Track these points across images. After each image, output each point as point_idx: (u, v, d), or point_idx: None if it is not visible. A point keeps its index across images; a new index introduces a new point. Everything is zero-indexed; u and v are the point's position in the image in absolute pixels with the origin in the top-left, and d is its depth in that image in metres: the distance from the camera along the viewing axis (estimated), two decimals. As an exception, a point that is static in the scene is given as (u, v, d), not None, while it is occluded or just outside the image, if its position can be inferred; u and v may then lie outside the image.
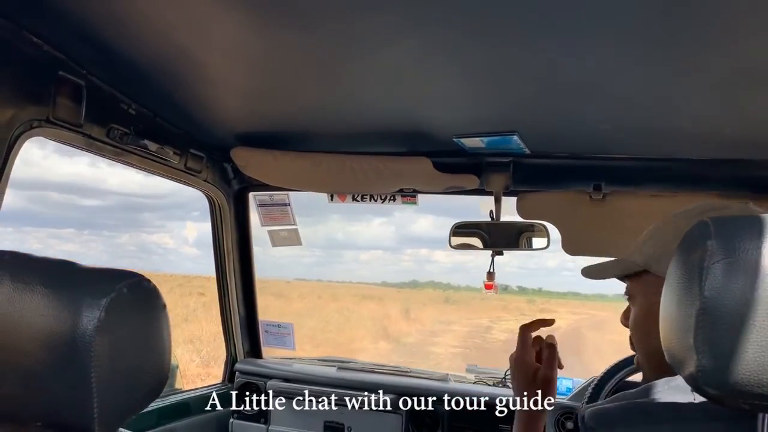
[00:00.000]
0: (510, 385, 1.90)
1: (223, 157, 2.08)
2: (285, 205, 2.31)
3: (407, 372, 2.43)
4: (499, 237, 2.01)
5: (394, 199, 2.12)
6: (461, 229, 2.04)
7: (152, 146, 1.64)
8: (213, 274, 2.45)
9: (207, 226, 2.36)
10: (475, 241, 2.02)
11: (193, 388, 2.47)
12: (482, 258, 2.05)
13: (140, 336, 0.74)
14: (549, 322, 1.26)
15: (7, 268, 0.76)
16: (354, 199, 2.14)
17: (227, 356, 2.59)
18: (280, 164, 1.96)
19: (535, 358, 1.20)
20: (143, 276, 0.76)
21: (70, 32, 1.30)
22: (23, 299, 0.72)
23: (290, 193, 2.30)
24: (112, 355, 0.69)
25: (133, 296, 0.73)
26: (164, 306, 0.78)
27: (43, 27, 1.28)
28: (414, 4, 1.05)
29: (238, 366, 2.50)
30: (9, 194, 1.36)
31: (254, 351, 2.64)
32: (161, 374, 0.77)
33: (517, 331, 1.24)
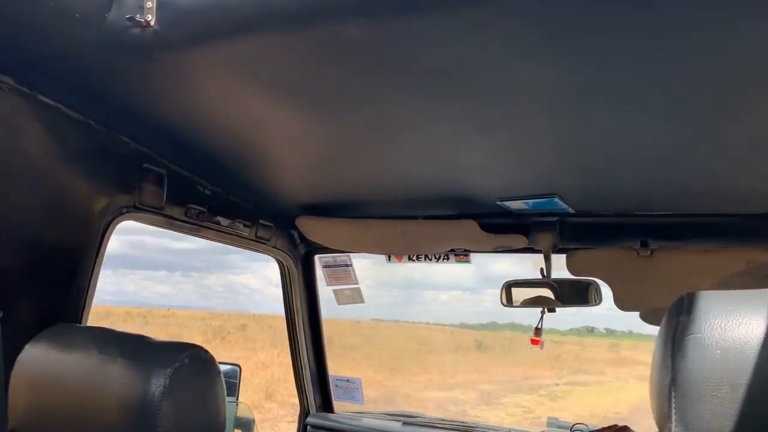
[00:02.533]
0: None
1: (289, 225, 2.28)
2: (347, 266, 2.47)
3: (473, 427, 2.46)
4: (558, 294, 2.05)
5: (448, 258, 2.22)
6: (514, 287, 2.10)
7: (224, 222, 1.85)
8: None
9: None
10: (527, 299, 2.07)
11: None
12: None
13: (200, 399, 0.89)
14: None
15: (95, 342, 0.94)
16: (410, 258, 2.27)
17: (300, 410, 2.73)
18: (339, 230, 2.13)
19: None
20: (202, 347, 0.92)
21: (153, 131, 1.54)
22: (107, 369, 0.89)
23: (351, 254, 2.45)
24: (176, 416, 0.84)
25: (194, 365, 0.88)
26: (219, 372, 0.94)
27: (131, 128, 1.52)
28: (451, 93, 1.19)
29: (309, 420, 2.63)
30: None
31: (326, 405, 2.76)
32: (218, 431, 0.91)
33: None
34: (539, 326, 2.04)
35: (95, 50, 1.15)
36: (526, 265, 2.15)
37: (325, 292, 2.62)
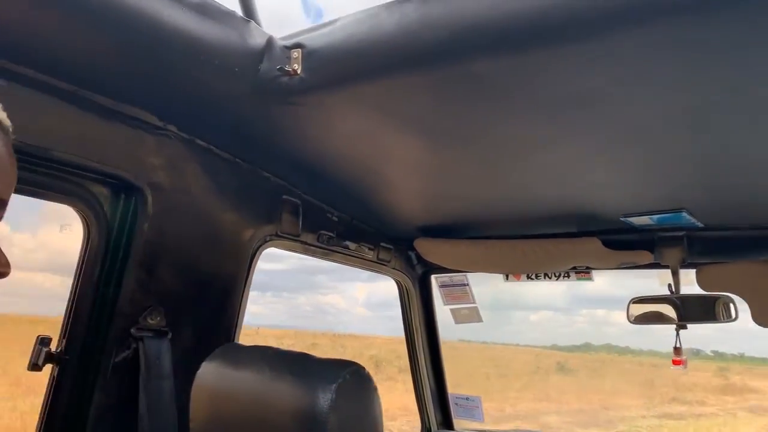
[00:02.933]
0: None
1: (407, 247, 2.37)
2: (464, 285, 2.51)
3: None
4: (682, 310, 1.98)
5: (569, 276, 2.20)
6: (640, 303, 2.05)
7: (352, 245, 1.97)
8: (386, 333, 2.66)
9: (376, 287, 2.66)
10: (657, 316, 2.01)
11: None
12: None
13: (362, 413, 0.98)
14: None
15: (266, 360, 1.06)
16: (528, 277, 2.27)
17: (422, 427, 2.78)
18: (457, 250, 2.18)
19: None
20: (361, 365, 1.01)
21: (290, 166, 1.69)
22: (277, 384, 1.00)
23: (468, 273, 2.50)
24: (342, 429, 0.93)
25: (355, 381, 0.97)
26: (376, 389, 1.02)
27: (272, 164, 1.68)
28: (577, 116, 1.23)
29: (431, 437, 2.67)
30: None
31: (446, 422, 2.80)
32: None
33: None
34: (677, 345, 1.96)
35: (248, 98, 1.30)
36: (624, 284, 2.01)
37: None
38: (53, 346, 1.31)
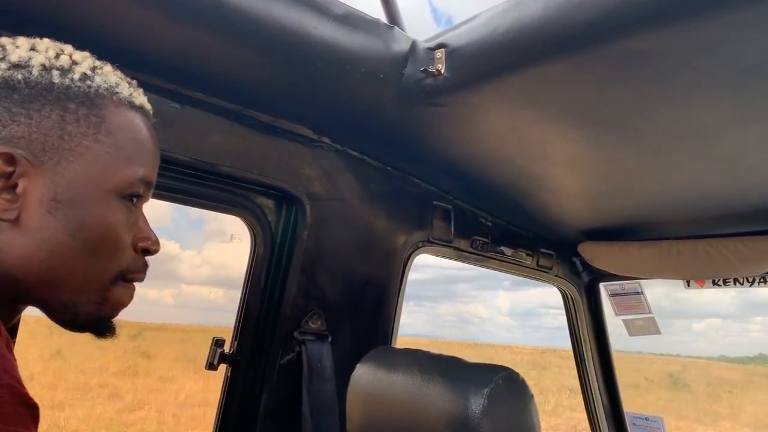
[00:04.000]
0: None
1: (571, 252, 2.22)
2: (638, 293, 2.28)
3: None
4: None
5: (766, 281, 1.90)
6: None
7: (508, 251, 1.89)
8: (532, 343, 2.49)
9: (518, 296, 2.49)
10: None
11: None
12: None
13: (515, 420, 0.91)
14: None
15: (416, 363, 1.04)
16: (715, 283, 2.00)
17: (594, 448, 2.57)
18: (627, 255, 1.99)
19: None
20: (513, 369, 0.95)
21: (440, 171, 1.67)
22: (428, 387, 0.98)
23: (642, 281, 2.27)
24: None
25: (507, 387, 0.91)
26: (532, 396, 0.95)
27: (421, 170, 1.68)
28: (758, 93, 1.06)
29: (609, 461, 2.46)
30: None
31: (622, 445, 2.56)
32: None
33: None
34: None
35: (394, 103, 1.32)
36: None
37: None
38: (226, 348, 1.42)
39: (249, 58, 1.15)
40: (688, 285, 2.08)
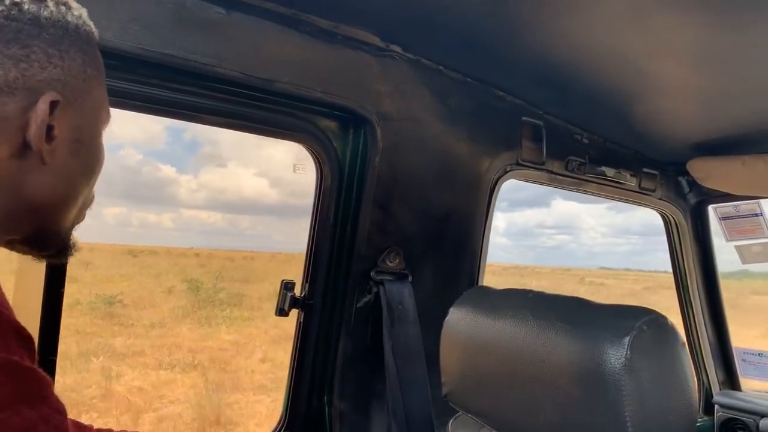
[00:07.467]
0: None
1: (676, 172, 1.94)
2: (756, 215, 1.98)
3: None
4: None
5: None
6: None
7: (609, 172, 1.64)
8: (527, 262, 2.25)
9: (514, 216, 2.22)
10: None
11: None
12: None
13: (666, 375, 0.71)
14: None
15: (528, 306, 0.85)
16: None
17: (699, 386, 2.35)
18: (749, 171, 1.70)
19: None
20: (659, 312, 0.74)
21: (527, 81, 1.42)
22: (546, 335, 0.78)
23: (762, 201, 1.96)
24: (641, 394, 0.68)
25: (654, 334, 0.71)
26: (684, 344, 0.74)
27: (506, 80, 1.43)
28: None
29: (717, 399, 2.23)
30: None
31: (730, 382, 2.32)
32: (689, 418, 0.72)
33: None
34: None
35: (469, 3, 1.07)
36: None
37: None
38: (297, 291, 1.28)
39: None
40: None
